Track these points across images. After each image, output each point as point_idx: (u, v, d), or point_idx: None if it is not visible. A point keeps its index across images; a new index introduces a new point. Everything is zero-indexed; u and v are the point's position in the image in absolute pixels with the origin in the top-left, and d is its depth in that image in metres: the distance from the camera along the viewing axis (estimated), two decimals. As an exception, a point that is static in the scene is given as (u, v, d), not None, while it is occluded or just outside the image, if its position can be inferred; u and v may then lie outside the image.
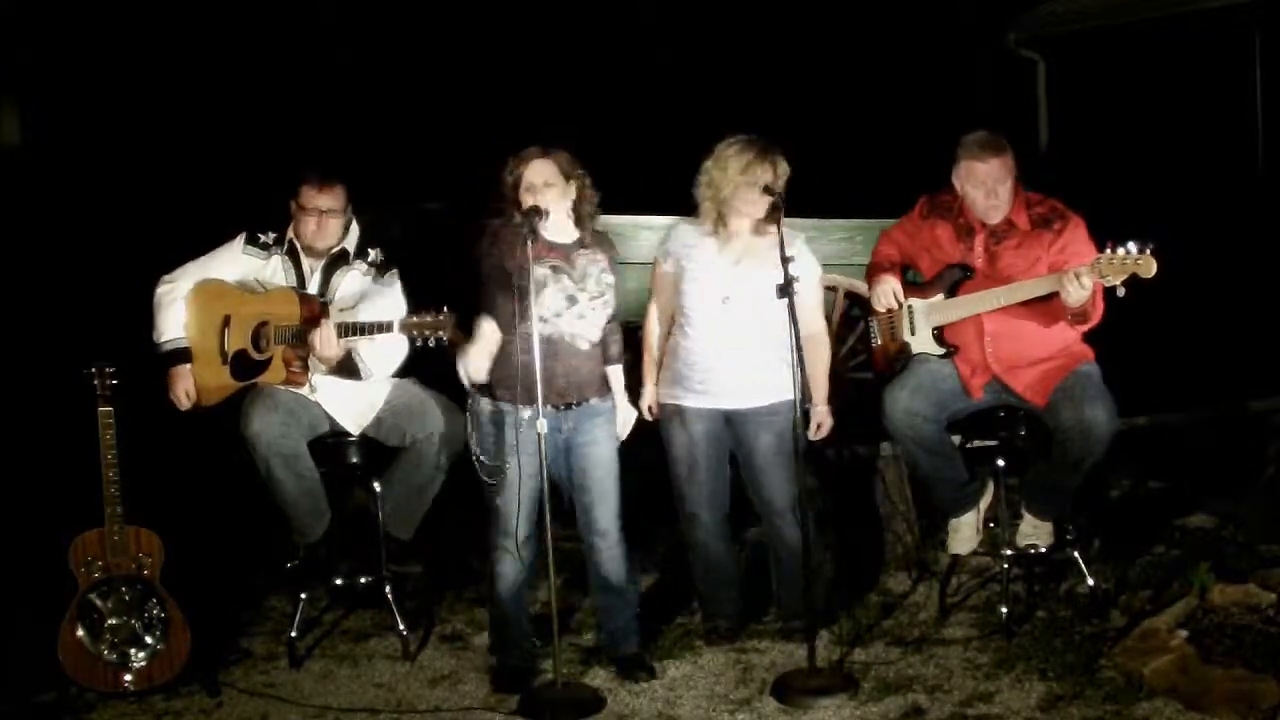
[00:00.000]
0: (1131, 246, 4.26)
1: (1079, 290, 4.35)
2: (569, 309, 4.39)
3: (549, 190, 4.37)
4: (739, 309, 4.54)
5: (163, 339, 4.75)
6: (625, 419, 4.59)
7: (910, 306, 4.81)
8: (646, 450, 4.70)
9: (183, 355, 4.75)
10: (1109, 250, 4.31)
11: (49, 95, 8.44)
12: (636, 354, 4.82)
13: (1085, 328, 4.59)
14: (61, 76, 8.45)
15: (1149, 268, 4.25)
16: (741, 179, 4.47)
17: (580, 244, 4.46)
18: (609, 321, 4.51)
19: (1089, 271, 4.33)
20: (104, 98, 8.51)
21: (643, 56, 11.32)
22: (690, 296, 4.61)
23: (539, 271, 4.30)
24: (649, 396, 4.70)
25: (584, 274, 4.41)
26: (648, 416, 4.69)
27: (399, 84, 10.37)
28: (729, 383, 4.59)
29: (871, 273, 4.91)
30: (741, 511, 4.80)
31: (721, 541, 4.75)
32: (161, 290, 4.78)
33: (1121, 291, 4.30)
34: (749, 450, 4.65)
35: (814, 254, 4.71)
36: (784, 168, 4.52)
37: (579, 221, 4.47)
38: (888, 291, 4.78)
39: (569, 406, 4.42)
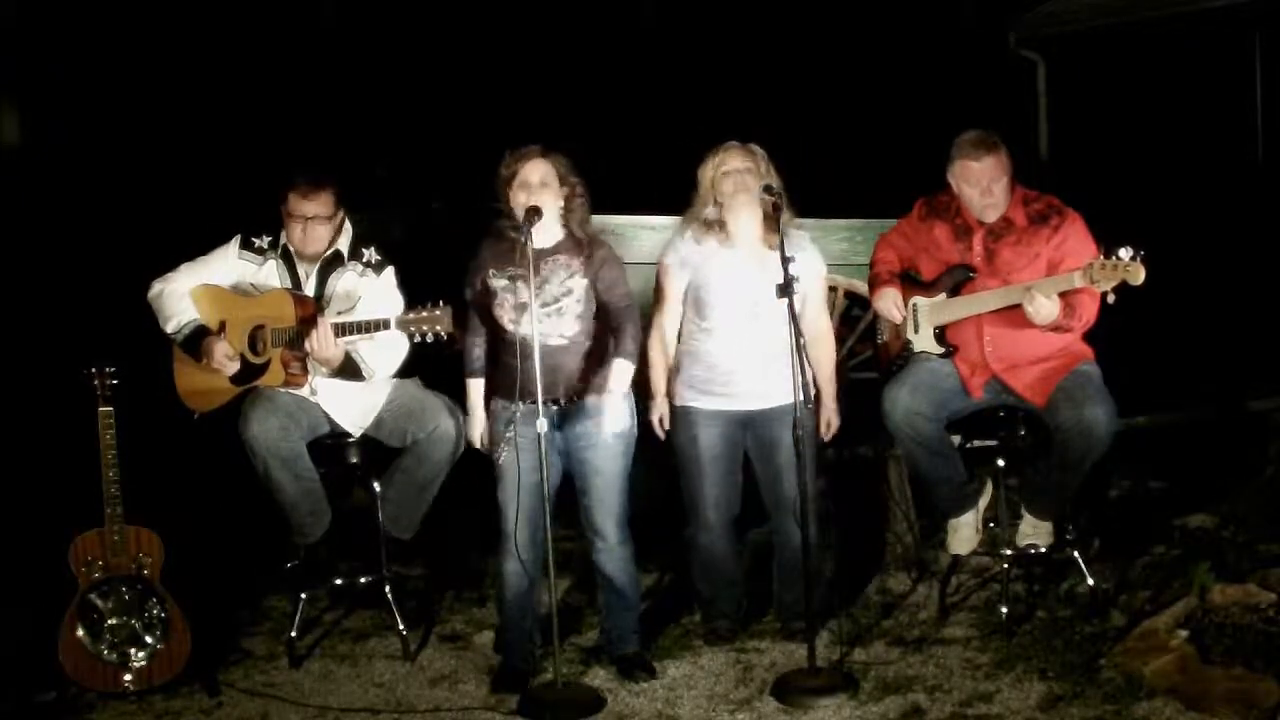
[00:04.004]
0: (1124, 252, 4.26)
1: (1042, 309, 4.38)
2: (520, 316, 4.37)
3: (544, 191, 4.36)
4: (767, 314, 4.51)
5: (182, 322, 4.68)
6: (616, 415, 4.41)
7: (915, 305, 4.81)
8: (645, 450, 4.69)
9: (203, 331, 4.68)
10: (1101, 256, 4.31)
11: (49, 95, 8.42)
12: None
13: (1071, 334, 4.58)
14: (61, 76, 8.43)
15: (1137, 275, 4.24)
16: (716, 171, 4.54)
17: (556, 250, 4.44)
18: (620, 317, 4.45)
19: (1081, 276, 4.34)
20: (104, 98, 8.49)
21: (644, 56, 11.31)
22: (714, 306, 4.60)
23: (499, 282, 4.36)
24: (661, 409, 4.68)
25: (543, 281, 4.38)
26: (659, 432, 4.68)
27: (399, 84, 10.36)
28: (754, 384, 4.59)
29: (872, 284, 4.91)
30: (743, 513, 4.80)
31: (725, 543, 4.76)
32: (155, 290, 4.75)
33: (1112, 298, 4.31)
34: (769, 449, 4.64)
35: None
36: (752, 158, 4.55)
37: (564, 227, 4.45)
38: (889, 307, 4.78)
39: (557, 403, 4.41)
